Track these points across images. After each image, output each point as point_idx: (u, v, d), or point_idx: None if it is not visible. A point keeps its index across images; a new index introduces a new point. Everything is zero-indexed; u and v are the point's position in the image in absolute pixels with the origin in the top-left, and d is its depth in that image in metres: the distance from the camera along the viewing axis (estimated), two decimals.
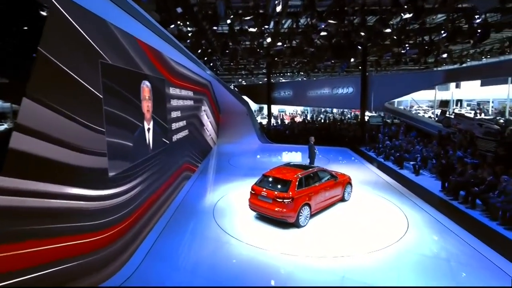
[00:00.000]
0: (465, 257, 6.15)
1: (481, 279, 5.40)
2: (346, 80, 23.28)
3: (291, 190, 7.31)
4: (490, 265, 5.82)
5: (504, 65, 17.55)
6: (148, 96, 7.48)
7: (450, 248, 6.48)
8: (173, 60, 10.49)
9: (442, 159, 12.01)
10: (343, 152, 17.81)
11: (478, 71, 18.68)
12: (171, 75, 10.05)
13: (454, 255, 6.18)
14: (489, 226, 7.68)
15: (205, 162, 15.21)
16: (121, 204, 5.88)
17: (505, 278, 5.40)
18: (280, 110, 39.15)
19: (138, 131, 6.75)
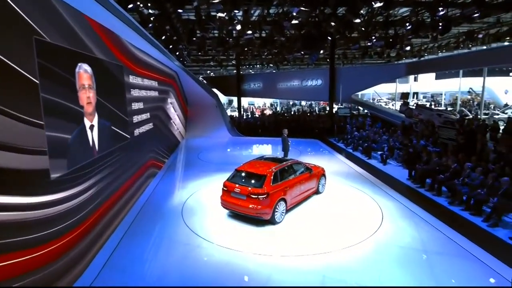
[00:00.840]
0: (441, 246, 6.07)
1: (461, 269, 5.31)
2: (315, 72, 23.23)
3: (266, 185, 6.77)
4: (464, 253, 5.78)
5: (459, 58, 18.43)
6: (89, 84, 5.82)
7: (425, 237, 6.38)
8: (134, 46, 9.36)
9: (409, 148, 12.21)
10: (313, 143, 17.71)
11: (437, 64, 19.48)
12: (131, 62, 8.96)
13: (430, 245, 6.08)
14: (456, 212, 7.80)
15: (172, 157, 14.21)
16: (71, 210, 4.94)
17: (480, 265, 5.34)
18: (250, 102, 38.51)
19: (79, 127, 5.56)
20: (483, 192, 7.89)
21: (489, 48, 17.79)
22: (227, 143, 18.97)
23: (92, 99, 6.02)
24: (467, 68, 20.17)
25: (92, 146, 6.03)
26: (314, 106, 37.82)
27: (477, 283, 4.91)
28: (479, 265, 5.38)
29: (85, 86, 5.71)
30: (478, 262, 5.47)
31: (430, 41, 21.16)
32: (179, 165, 12.98)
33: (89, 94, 5.87)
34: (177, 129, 17.41)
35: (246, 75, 26.60)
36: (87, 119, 5.81)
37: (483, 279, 5.00)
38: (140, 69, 9.86)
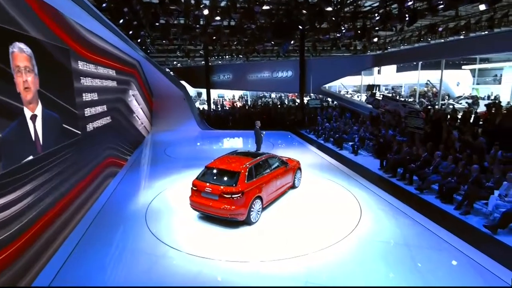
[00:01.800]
0: (421, 239, 5.84)
1: (443, 262, 5.07)
2: (286, 63, 22.73)
3: (240, 183, 6.08)
4: (444, 244, 5.58)
5: (420, 50, 18.92)
6: (25, 66, 4.75)
7: (405, 230, 6.13)
8: (84, 28, 8.04)
9: (379, 139, 12.18)
10: (285, 135, 17.29)
11: (400, 56, 19.88)
12: (81, 46, 7.67)
13: (410, 238, 5.81)
14: (429, 201, 7.73)
15: (136, 154, 12.95)
16: (9, 219, 3.90)
17: (461, 256, 5.14)
18: (219, 95, 37.26)
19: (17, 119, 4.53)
20: (453, 180, 7.89)
21: (447, 41, 18.41)
22: (196, 137, 17.93)
23: (32, 84, 4.90)
24: (427, 60, 20.88)
25: (35, 140, 4.93)
26: (284, 98, 37.60)
27: (462, 276, 4.68)
28: (460, 256, 5.19)
29: (20, 69, 4.57)
30: (459, 252, 5.28)
31: (394, 34, 21.54)
32: (143, 162, 11.82)
33: (26, 77, 4.74)
34: (142, 123, 16.02)
35: (215, 66, 25.39)
36: (27, 108, 4.71)
37: (468, 272, 4.78)
38: (92, 55, 8.55)
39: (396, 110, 17.14)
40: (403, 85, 40.54)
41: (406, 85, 40.54)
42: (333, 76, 20.87)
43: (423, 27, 19.05)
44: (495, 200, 6.51)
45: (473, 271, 4.78)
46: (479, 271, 4.77)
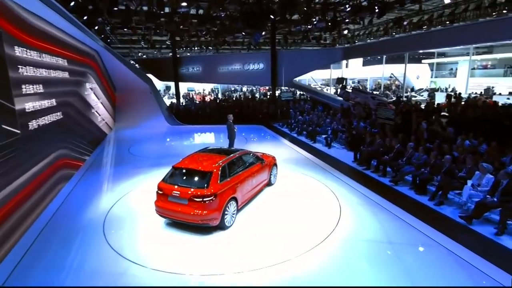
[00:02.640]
0: (402, 234, 5.61)
1: (428, 258, 4.86)
2: (257, 55, 22.04)
3: (212, 184, 5.40)
4: (425, 239, 5.38)
5: (387, 43, 19.21)
6: None
7: (386, 226, 5.88)
8: (22, 7, 6.74)
9: (352, 131, 12.05)
10: (258, 129, 16.75)
11: (369, 49, 20.08)
12: (19, 29, 6.41)
13: (392, 234, 5.56)
14: (404, 193, 7.63)
15: (96, 154, 11.66)
16: None
17: (444, 251, 4.95)
18: (189, 88, 35.67)
19: None
20: (426, 171, 7.84)
21: (411, 34, 18.84)
22: (165, 133, 16.77)
23: None
24: (393, 53, 21.34)
25: None
26: (255, 92, 36.98)
27: (449, 272, 4.46)
28: (443, 251, 5.00)
29: None
30: (442, 248, 5.10)
31: (361, 28, 21.76)
32: (104, 163, 10.62)
33: None
34: (103, 119, 14.57)
35: (184, 58, 23.96)
36: None
37: (452, 267, 4.58)
38: (35, 41, 7.26)
39: (366, 102, 17.33)
40: (368, 78, 41.76)
41: (371, 79, 41.83)
42: (305, 68, 20.60)
43: (390, 20, 19.35)
44: (468, 190, 6.47)
45: (457, 266, 4.60)
46: (461, 265, 4.61)
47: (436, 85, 32.18)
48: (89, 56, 12.85)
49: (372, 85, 41.17)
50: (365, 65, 39.72)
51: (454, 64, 32.66)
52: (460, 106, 14.54)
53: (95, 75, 13.78)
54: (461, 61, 30.14)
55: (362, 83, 42.53)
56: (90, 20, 12.29)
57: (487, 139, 8.91)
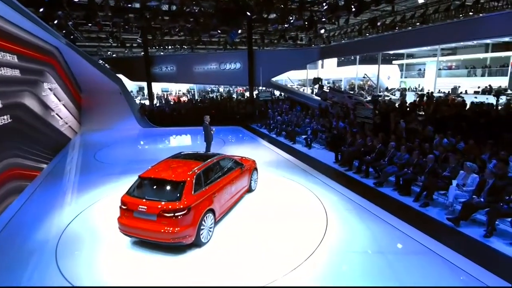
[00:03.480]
0: (394, 241, 5.23)
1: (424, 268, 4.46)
2: (234, 55, 21.32)
3: (185, 195, 4.68)
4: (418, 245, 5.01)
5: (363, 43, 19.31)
6: None
7: (376, 232, 5.46)
8: None
9: (333, 131, 11.75)
10: (236, 131, 16.08)
11: (345, 49, 20.09)
12: None
13: (384, 243, 5.16)
14: (388, 194, 7.35)
15: (56, 161, 10.41)
16: None
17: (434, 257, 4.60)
18: (164, 89, 34.16)
19: None
20: (410, 171, 7.61)
21: (385, 34, 19.06)
22: (136, 136, 15.64)
23: None
24: (368, 52, 21.57)
25: None
26: (232, 92, 36.22)
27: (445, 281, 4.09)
28: (435, 259, 4.66)
29: None
30: (433, 254, 4.76)
31: (337, 29, 21.79)
32: (65, 171, 9.45)
33: None
34: (65, 122, 13.21)
35: (157, 57, 22.65)
36: None
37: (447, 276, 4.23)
38: None
39: (343, 102, 17.25)
40: (342, 79, 42.49)
41: (345, 79, 42.59)
42: (282, 68, 20.23)
43: (364, 21, 19.48)
44: (454, 190, 6.25)
45: (451, 274, 4.28)
46: (454, 271, 4.31)
47: (406, 85, 33.30)
48: (47, 53, 11.51)
49: (346, 85, 41.92)
50: (340, 66, 40.35)
51: (422, 65, 33.96)
52: (433, 105, 14.82)
53: (55, 75, 12.43)
54: (428, 62, 31.35)
55: (336, 84, 43.17)
56: (48, 13, 10.99)
57: (464, 137, 8.93)
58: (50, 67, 11.89)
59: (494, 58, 25.95)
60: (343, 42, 22.18)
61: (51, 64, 11.90)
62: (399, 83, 34.95)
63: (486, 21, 13.39)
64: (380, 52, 20.65)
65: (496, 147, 7.81)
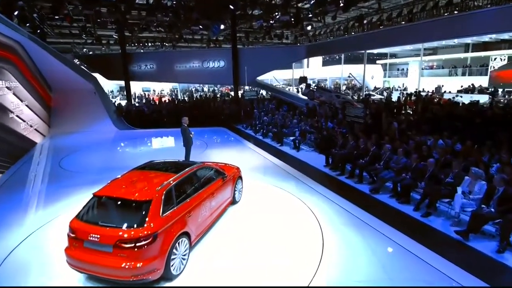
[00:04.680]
0: (402, 265, 4.49)
1: None
2: (217, 52, 20.26)
3: (151, 219, 3.72)
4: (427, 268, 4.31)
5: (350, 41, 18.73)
6: None
7: (380, 255, 4.69)
8: None
9: (322, 131, 11.02)
10: (219, 132, 15.10)
11: (332, 47, 19.48)
12: None
13: (390, 267, 4.39)
14: (386, 202, 6.65)
15: (14, 170, 9.11)
16: None
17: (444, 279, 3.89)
18: (145, 88, 32.53)
19: None
20: (408, 176, 6.94)
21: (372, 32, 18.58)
22: (111, 139, 14.36)
23: None
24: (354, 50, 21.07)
25: None
26: (217, 92, 35.03)
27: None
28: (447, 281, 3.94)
29: None
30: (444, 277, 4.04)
31: (322, 27, 21.19)
32: (21, 182, 8.18)
33: None
34: (29, 125, 11.80)
35: (135, 55, 21.19)
36: None
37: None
38: None
39: (330, 101, 16.64)
40: (328, 78, 42.23)
41: (330, 78, 42.36)
42: (268, 66, 19.38)
43: (351, 18, 18.94)
44: (460, 199, 5.59)
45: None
46: None
47: (390, 84, 33.36)
48: (4, 48, 10.11)
49: (331, 85, 41.66)
50: (325, 65, 40.02)
51: (405, 65, 34.13)
52: (420, 103, 14.43)
53: (17, 72, 11.02)
54: (411, 62, 31.50)
55: (322, 83, 42.84)
56: (6, 2, 9.61)
57: (460, 138, 8.41)
58: (9, 63, 10.49)
59: (475, 58, 26.24)
60: (329, 40, 21.58)
61: (10, 60, 10.49)
62: (383, 82, 35.01)
63: (471, 18, 13.09)
64: (366, 51, 20.18)
65: (495, 148, 7.30)
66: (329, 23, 21.25)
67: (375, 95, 25.20)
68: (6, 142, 9.32)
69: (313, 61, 40.07)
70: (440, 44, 27.19)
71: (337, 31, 20.63)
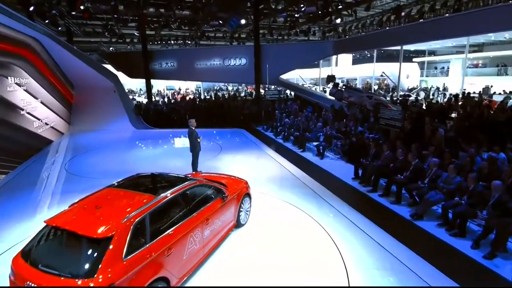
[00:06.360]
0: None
1: None
2: (239, 49, 19.23)
3: (107, 264, 2.68)
4: None
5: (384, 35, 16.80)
6: None
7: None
8: None
9: (352, 137, 9.53)
10: (237, 134, 14.05)
11: (363, 42, 17.62)
12: None
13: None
14: (437, 237, 5.14)
15: (21, 169, 8.70)
16: None
17: None
18: (169, 87, 32.41)
19: None
20: (464, 201, 5.37)
21: (411, 24, 16.42)
22: (127, 139, 13.87)
23: None
24: (390, 46, 18.97)
25: None
26: (241, 90, 34.09)
27: None
28: None
29: None
30: None
31: (354, 20, 19.35)
32: (21, 185, 7.65)
33: None
34: (45, 123, 11.55)
35: (156, 52, 20.79)
36: None
37: None
38: None
39: (361, 102, 14.94)
40: (358, 77, 39.72)
41: (360, 78, 39.83)
42: (292, 64, 17.99)
43: (386, 11, 16.96)
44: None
45: None
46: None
47: (427, 84, 30.45)
48: (16, 44, 9.80)
49: (361, 84, 39.15)
50: (355, 64, 37.65)
51: (445, 63, 31.00)
52: (469, 106, 12.30)
53: (30, 68, 10.74)
54: (453, 60, 28.48)
55: (351, 82, 40.42)
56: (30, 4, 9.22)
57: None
58: (23, 59, 10.21)
59: None
60: (360, 34, 19.67)
61: (22, 56, 10.20)
62: (419, 82, 32.08)
63: None
64: (402, 46, 18.03)
65: None
66: (361, 17, 19.34)
67: (411, 95, 22.77)
68: (13, 141, 8.96)
69: (342, 59, 37.93)
70: (487, 39, 24.08)
71: (369, 26, 18.69)
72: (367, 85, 34.92)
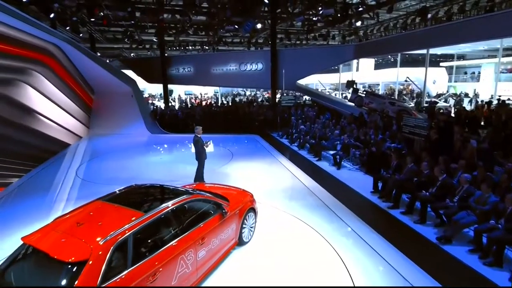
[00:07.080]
0: None
1: None
2: (255, 54, 19.05)
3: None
4: None
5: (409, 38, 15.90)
6: None
7: None
8: None
9: (371, 147, 8.88)
10: (251, 140, 13.71)
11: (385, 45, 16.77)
12: None
13: None
14: (466, 264, 4.47)
15: (35, 172, 8.82)
16: None
17: None
18: (187, 92, 32.82)
19: None
20: (501, 226, 4.65)
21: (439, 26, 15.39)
22: (141, 143, 13.92)
23: None
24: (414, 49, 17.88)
25: None
26: (259, 96, 33.87)
27: None
28: None
29: None
30: None
31: (375, 24, 18.55)
32: (31, 189, 7.71)
33: None
34: (62, 127, 11.82)
35: (174, 58, 21.07)
36: None
37: None
38: None
39: (383, 109, 14.14)
40: (380, 83, 38.32)
41: (383, 83, 38.38)
42: (310, 69, 17.47)
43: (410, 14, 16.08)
44: None
45: None
46: None
47: (456, 90, 28.66)
48: (36, 50, 10.08)
49: (384, 90, 37.69)
50: (378, 69, 36.37)
51: (476, 68, 29.16)
52: (505, 115, 11.19)
53: (50, 74, 11.03)
54: (484, 64, 26.66)
55: (373, 88, 39.02)
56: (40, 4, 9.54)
57: None
58: (42, 65, 10.49)
59: None
60: (381, 38, 18.81)
61: (43, 63, 10.50)
62: (447, 87, 30.30)
63: None
64: (428, 50, 16.97)
65: None
66: (384, 19, 18.52)
67: (439, 102, 21.42)
68: (28, 145, 9.14)
69: (363, 64, 36.79)
70: None
71: (393, 29, 17.81)
72: (390, 91, 33.56)
